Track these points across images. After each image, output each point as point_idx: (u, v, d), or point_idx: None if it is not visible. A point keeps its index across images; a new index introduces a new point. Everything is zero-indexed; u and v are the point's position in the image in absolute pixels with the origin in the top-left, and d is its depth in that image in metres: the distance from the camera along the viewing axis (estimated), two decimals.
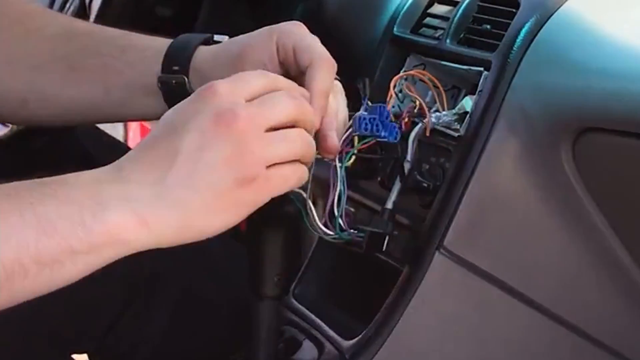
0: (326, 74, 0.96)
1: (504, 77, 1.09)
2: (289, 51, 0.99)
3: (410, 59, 1.24)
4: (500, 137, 1.08)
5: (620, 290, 1.12)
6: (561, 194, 1.08)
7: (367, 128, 0.98)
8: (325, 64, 0.96)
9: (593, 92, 1.05)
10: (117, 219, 0.81)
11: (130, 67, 1.06)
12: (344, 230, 1.01)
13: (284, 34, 1.00)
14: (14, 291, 0.79)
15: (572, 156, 1.06)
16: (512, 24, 1.12)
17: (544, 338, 1.14)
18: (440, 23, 1.23)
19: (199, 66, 1.04)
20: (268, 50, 0.99)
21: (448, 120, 1.11)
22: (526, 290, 1.11)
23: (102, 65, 1.07)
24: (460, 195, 1.08)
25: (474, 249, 1.10)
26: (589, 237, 1.09)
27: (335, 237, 1.01)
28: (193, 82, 1.04)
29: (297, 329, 1.21)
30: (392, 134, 0.99)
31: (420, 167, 1.13)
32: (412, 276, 1.10)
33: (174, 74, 1.04)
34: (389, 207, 1.07)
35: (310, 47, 0.98)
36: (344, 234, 1.01)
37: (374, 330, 1.11)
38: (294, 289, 1.26)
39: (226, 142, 0.83)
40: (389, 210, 1.07)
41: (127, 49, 1.07)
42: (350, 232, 1.01)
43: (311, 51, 0.97)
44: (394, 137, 0.99)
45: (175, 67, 1.04)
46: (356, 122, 0.98)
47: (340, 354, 1.14)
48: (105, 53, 1.07)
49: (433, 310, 1.11)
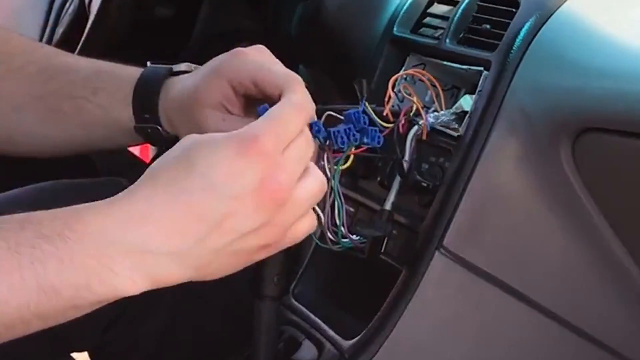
0: (304, 94, 0.92)
1: (504, 76, 1.09)
2: (249, 86, 0.97)
3: (410, 58, 1.24)
4: (500, 137, 1.08)
5: (620, 290, 1.12)
6: (561, 194, 1.08)
7: (344, 141, 0.93)
8: (297, 84, 0.92)
9: (593, 92, 1.05)
10: (128, 285, 0.77)
11: (103, 111, 1.08)
12: (345, 238, 1.00)
13: (235, 70, 0.98)
14: (15, 335, 0.78)
15: (571, 156, 1.06)
16: (511, 24, 1.12)
17: (544, 338, 1.14)
18: (440, 23, 1.23)
19: (166, 114, 1.05)
20: (218, 92, 0.99)
21: (446, 120, 1.11)
22: (526, 290, 1.11)
23: (76, 107, 1.08)
24: (459, 195, 1.08)
25: (474, 249, 1.10)
26: (589, 236, 1.09)
27: (339, 246, 1.00)
28: (166, 127, 1.05)
29: (297, 329, 1.21)
30: (374, 139, 0.94)
31: (420, 166, 1.13)
32: (411, 276, 1.10)
33: (146, 122, 1.05)
34: (387, 209, 1.07)
35: (272, 74, 0.95)
36: (345, 242, 1.00)
37: (373, 330, 1.11)
38: (293, 289, 1.26)
39: (264, 213, 0.79)
40: (388, 211, 1.07)
41: (98, 92, 1.08)
42: (351, 239, 1.01)
43: (275, 79, 0.94)
44: (377, 141, 0.95)
45: (145, 115, 1.05)
46: (331, 137, 0.93)
47: (340, 354, 1.14)
48: (79, 96, 1.08)
49: (433, 310, 1.11)
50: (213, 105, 1.00)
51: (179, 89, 1.04)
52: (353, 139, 0.93)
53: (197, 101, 1.00)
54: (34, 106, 1.10)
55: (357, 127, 0.94)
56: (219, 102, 0.99)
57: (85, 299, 0.77)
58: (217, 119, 0.99)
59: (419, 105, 1.06)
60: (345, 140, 0.93)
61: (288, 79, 0.93)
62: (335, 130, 0.94)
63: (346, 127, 0.94)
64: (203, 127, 0.99)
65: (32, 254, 0.75)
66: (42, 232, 0.76)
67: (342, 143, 0.93)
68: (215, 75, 1.00)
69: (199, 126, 1.00)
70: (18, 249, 0.75)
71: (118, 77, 1.08)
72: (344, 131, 0.93)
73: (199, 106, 1.00)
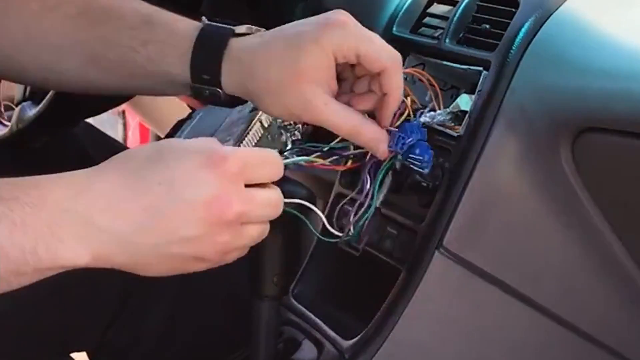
0: (400, 78, 0.96)
1: (503, 76, 1.09)
2: (352, 58, 0.95)
3: (409, 58, 1.24)
4: (500, 137, 1.08)
5: (620, 290, 1.12)
6: (561, 194, 1.08)
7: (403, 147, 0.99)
8: (396, 67, 0.95)
9: (593, 92, 1.05)
10: (71, 255, 0.80)
11: (152, 64, 1.02)
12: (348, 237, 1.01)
13: (340, 43, 0.94)
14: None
15: (571, 156, 1.06)
16: (511, 24, 1.12)
17: (544, 338, 1.14)
18: (440, 23, 1.23)
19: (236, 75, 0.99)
20: (326, 67, 0.95)
21: (442, 119, 1.11)
22: (526, 290, 1.11)
23: (123, 58, 1.03)
24: (459, 195, 1.08)
25: (474, 249, 1.10)
26: (589, 236, 1.09)
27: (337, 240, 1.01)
28: (229, 88, 1.00)
29: (296, 329, 1.21)
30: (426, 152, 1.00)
31: None
32: (411, 276, 1.10)
33: (204, 84, 1.00)
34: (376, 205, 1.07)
35: (374, 53, 0.95)
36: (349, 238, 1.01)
37: (373, 330, 1.11)
38: (293, 289, 1.26)
39: (206, 226, 0.82)
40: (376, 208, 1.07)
41: (148, 44, 1.02)
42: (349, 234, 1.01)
43: (379, 58, 0.95)
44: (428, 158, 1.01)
45: (205, 76, 1.00)
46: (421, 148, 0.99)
47: (340, 354, 1.14)
48: (125, 45, 1.02)
49: (432, 310, 1.11)
50: (318, 81, 0.95)
51: (261, 53, 0.98)
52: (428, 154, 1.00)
53: (300, 75, 0.94)
54: (72, 50, 1.04)
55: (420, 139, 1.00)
56: (324, 78, 0.95)
57: (29, 265, 0.79)
58: (321, 101, 0.95)
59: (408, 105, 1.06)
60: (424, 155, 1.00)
61: (394, 60, 0.96)
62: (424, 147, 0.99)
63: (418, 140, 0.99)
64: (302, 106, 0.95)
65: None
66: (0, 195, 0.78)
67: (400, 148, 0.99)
68: (318, 47, 0.95)
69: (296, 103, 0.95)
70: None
71: (172, 32, 1.02)
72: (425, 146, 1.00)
73: (298, 79, 0.94)
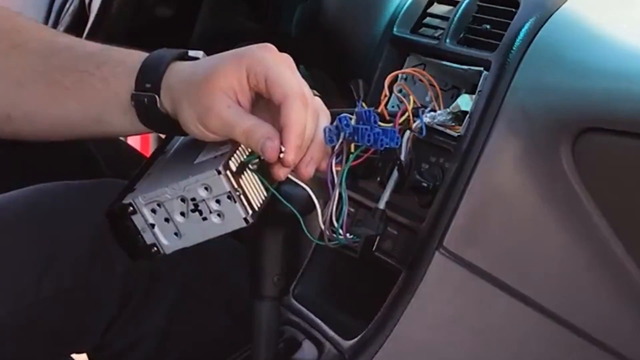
0: (301, 112, 0.96)
1: (504, 77, 1.09)
2: (261, 80, 0.98)
3: (410, 58, 1.24)
4: (500, 137, 1.08)
5: (620, 290, 1.12)
6: (561, 194, 1.08)
7: (371, 140, 0.95)
8: (298, 100, 0.96)
9: (593, 92, 1.05)
10: None
11: (104, 83, 1.06)
12: (342, 236, 1.00)
13: (254, 61, 0.98)
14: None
15: (572, 156, 1.06)
16: (511, 24, 1.12)
17: (544, 338, 1.14)
18: (440, 23, 1.23)
19: (168, 87, 1.03)
20: (237, 77, 0.98)
21: (442, 119, 1.11)
22: (526, 290, 1.11)
23: (79, 81, 1.07)
24: (460, 195, 1.08)
25: (474, 249, 1.10)
26: (589, 237, 1.09)
27: (335, 242, 1.01)
28: (164, 102, 1.03)
29: (297, 329, 1.21)
30: (392, 139, 0.97)
31: (420, 166, 1.13)
32: (411, 276, 1.10)
33: (146, 91, 1.03)
34: (380, 207, 1.07)
35: (281, 80, 0.97)
36: (341, 239, 1.01)
37: (373, 330, 1.11)
38: (294, 289, 1.26)
39: None
40: (381, 210, 1.07)
41: (102, 65, 1.07)
42: (346, 238, 1.01)
43: (283, 86, 0.97)
44: (395, 142, 0.97)
45: (147, 84, 1.04)
46: (359, 134, 0.95)
47: (340, 354, 1.14)
48: (82, 69, 1.07)
49: (433, 310, 1.11)
50: (225, 88, 0.98)
51: (192, 65, 1.03)
52: (375, 137, 0.95)
53: (211, 80, 0.99)
54: (33, 82, 1.09)
55: (374, 126, 0.96)
56: (232, 87, 0.98)
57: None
58: (224, 104, 0.98)
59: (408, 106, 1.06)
60: (371, 139, 0.95)
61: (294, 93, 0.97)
62: (363, 128, 0.94)
63: (366, 126, 0.95)
64: (207, 107, 0.98)
65: None
66: None
67: (368, 141, 0.95)
68: (236, 59, 0.99)
69: (202, 106, 0.99)
70: None
71: (127, 53, 1.08)
72: (369, 129, 0.95)
73: (210, 85, 0.99)
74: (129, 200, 0.98)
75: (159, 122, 1.04)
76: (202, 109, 0.98)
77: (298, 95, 0.96)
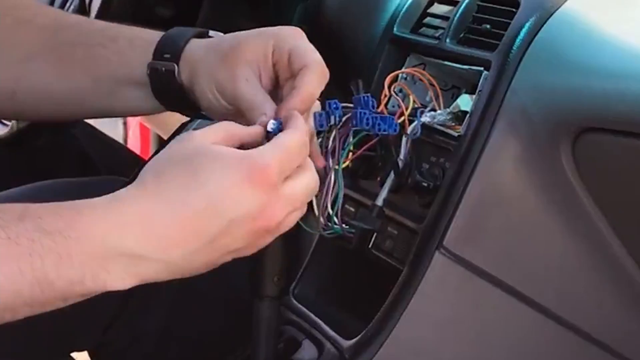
0: (317, 80, 0.95)
1: (504, 76, 1.09)
2: (284, 54, 0.97)
3: (410, 58, 1.24)
4: (500, 137, 1.08)
5: (620, 290, 1.12)
6: (561, 194, 1.08)
7: (369, 123, 0.94)
8: (319, 69, 0.95)
9: (593, 92, 1.05)
10: (119, 283, 0.81)
11: (118, 56, 1.04)
12: (337, 225, 1.00)
13: (281, 37, 0.98)
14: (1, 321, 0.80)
15: (572, 156, 1.06)
16: (511, 24, 1.12)
17: (544, 338, 1.14)
18: (440, 23, 1.23)
19: (190, 57, 1.02)
20: (262, 51, 0.98)
21: (442, 119, 1.11)
22: (526, 290, 1.11)
23: (90, 55, 1.06)
24: (460, 195, 1.08)
25: (474, 249, 1.10)
26: (589, 236, 1.09)
27: (330, 232, 1.00)
28: (182, 72, 1.02)
29: (297, 328, 1.21)
30: (390, 125, 0.95)
31: (420, 166, 1.13)
32: (411, 276, 1.10)
33: (164, 61, 1.02)
34: (378, 204, 1.07)
35: (307, 52, 0.97)
36: (336, 228, 1.00)
37: (373, 330, 1.11)
38: (294, 289, 1.26)
39: (254, 237, 0.84)
40: (379, 207, 1.07)
41: (117, 39, 1.05)
42: (342, 227, 1.01)
43: (307, 56, 0.96)
44: (393, 128, 0.96)
45: (166, 54, 1.02)
46: (357, 117, 0.95)
47: (340, 354, 1.14)
48: (94, 43, 1.06)
49: (433, 310, 1.11)
50: (250, 59, 0.97)
51: (216, 39, 1.02)
52: (373, 121, 0.94)
53: (234, 54, 0.98)
54: (42, 57, 1.07)
55: (372, 111, 0.95)
56: (256, 61, 0.97)
57: (76, 293, 0.80)
58: (243, 75, 0.97)
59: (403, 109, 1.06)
60: (369, 122, 0.94)
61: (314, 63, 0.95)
62: (361, 111, 0.94)
63: (364, 110, 0.95)
64: (227, 77, 0.97)
65: (31, 247, 0.77)
66: (42, 227, 0.78)
67: (367, 124, 0.94)
68: (264, 33, 0.99)
69: (223, 75, 0.98)
70: (18, 240, 0.77)
71: (140, 29, 1.06)
72: (367, 113, 0.94)
73: (234, 58, 0.98)
74: None
75: (173, 95, 1.03)
76: (224, 77, 0.97)
77: (319, 66, 0.95)
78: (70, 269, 0.78)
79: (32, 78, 1.08)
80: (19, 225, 0.78)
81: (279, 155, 0.84)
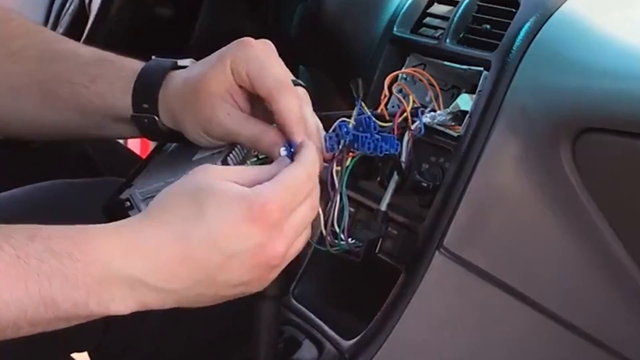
0: (291, 101, 0.94)
1: (504, 77, 1.09)
2: (245, 79, 0.97)
3: (410, 58, 1.24)
4: (500, 137, 1.08)
5: (620, 290, 1.12)
6: (561, 194, 1.08)
7: (371, 147, 0.96)
8: (284, 92, 0.94)
9: (593, 92, 1.05)
10: (122, 308, 0.83)
11: (100, 98, 1.06)
12: (343, 241, 1.01)
13: (236, 60, 0.97)
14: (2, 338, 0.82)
15: (572, 156, 1.06)
16: (511, 24, 1.12)
17: (544, 338, 1.14)
18: (440, 23, 1.23)
19: (167, 105, 1.02)
20: (224, 80, 0.97)
21: (442, 119, 1.11)
22: (526, 290, 1.11)
23: (73, 93, 1.07)
24: (460, 195, 1.08)
25: (474, 249, 1.10)
26: (589, 236, 1.09)
27: (337, 248, 1.01)
28: (164, 119, 1.03)
29: (297, 329, 1.21)
30: (392, 146, 0.97)
31: (420, 166, 1.13)
32: (411, 276, 1.10)
33: (144, 112, 1.04)
34: (382, 209, 1.07)
35: (264, 74, 0.96)
36: (343, 245, 1.01)
37: (373, 330, 1.11)
38: (294, 289, 1.26)
39: (257, 272, 0.85)
40: (383, 212, 1.07)
41: (97, 79, 1.06)
42: (347, 243, 1.01)
43: (265, 80, 0.95)
44: (395, 148, 0.97)
45: (144, 104, 1.03)
46: (359, 141, 0.96)
47: (340, 354, 1.14)
48: (77, 82, 1.07)
49: (432, 310, 1.11)
50: (219, 94, 0.98)
51: (184, 77, 1.02)
52: (374, 144, 0.96)
53: (203, 89, 0.98)
54: (31, 90, 1.09)
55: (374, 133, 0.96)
56: (225, 90, 0.98)
57: (79, 315, 0.82)
58: (223, 111, 0.97)
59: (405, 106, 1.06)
60: (371, 146, 0.96)
61: (277, 86, 0.95)
62: (363, 135, 0.96)
63: (365, 134, 0.96)
64: (208, 118, 0.98)
65: (39, 267, 0.79)
66: (51, 247, 0.80)
67: (368, 149, 0.96)
68: (219, 61, 0.98)
69: (203, 117, 0.98)
70: (27, 260, 0.79)
71: (120, 67, 1.07)
72: (369, 136, 0.96)
73: (205, 94, 0.98)
74: (126, 195, 0.99)
75: (163, 136, 1.05)
76: (204, 120, 0.98)
77: (282, 87, 0.95)
78: (75, 291, 0.80)
79: (21, 109, 1.10)
80: (29, 245, 0.80)
81: (281, 192, 0.85)
